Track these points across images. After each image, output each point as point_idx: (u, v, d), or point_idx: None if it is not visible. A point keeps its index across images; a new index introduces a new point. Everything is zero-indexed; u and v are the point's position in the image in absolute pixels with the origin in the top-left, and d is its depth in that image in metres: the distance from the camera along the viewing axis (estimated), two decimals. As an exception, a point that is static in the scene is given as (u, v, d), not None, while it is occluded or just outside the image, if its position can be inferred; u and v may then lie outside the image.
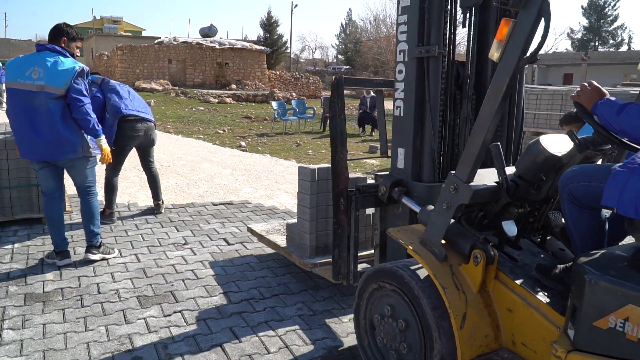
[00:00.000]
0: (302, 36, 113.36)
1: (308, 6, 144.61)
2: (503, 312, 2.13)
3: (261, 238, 4.10)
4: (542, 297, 2.01)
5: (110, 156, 3.96)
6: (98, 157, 3.94)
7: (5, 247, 4.21)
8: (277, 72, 32.29)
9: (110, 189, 5.01)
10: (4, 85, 14.22)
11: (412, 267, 2.29)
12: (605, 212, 2.13)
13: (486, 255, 2.10)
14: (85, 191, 3.91)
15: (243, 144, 11.40)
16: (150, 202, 5.64)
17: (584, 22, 56.85)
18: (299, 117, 15.06)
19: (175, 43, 26.76)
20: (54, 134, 3.59)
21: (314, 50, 66.29)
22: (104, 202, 5.04)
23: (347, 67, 46.82)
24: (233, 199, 6.20)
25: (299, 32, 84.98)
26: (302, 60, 57.29)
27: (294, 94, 25.91)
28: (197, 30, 32.56)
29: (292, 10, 52.65)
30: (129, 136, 4.93)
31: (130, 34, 40.64)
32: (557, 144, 2.20)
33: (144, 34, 51.19)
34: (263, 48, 30.51)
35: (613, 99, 1.88)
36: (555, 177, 2.20)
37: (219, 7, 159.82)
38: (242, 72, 28.37)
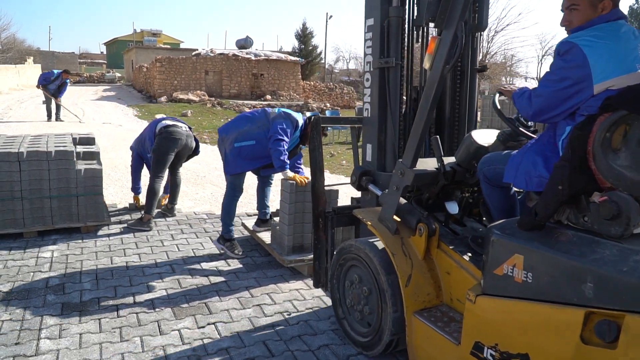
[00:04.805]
0: (336, 47, 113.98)
1: (343, 17, 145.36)
2: (443, 275, 2.58)
3: (252, 233, 4.82)
4: (472, 261, 2.44)
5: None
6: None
7: (45, 255, 4.30)
8: (312, 83, 32.42)
9: (152, 194, 5.15)
10: (61, 97, 14.89)
11: (371, 241, 2.82)
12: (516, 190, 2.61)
13: (428, 228, 2.56)
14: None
15: (277, 154, 11.41)
16: (187, 212, 5.73)
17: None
18: (333, 128, 15.04)
19: (212, 55, 27.19)
20: None
21: (348, 61, 66.18)
22: (145, 207, 5.21)
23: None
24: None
25: (334, 42, 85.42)
26: (336, 71, 57.45)
27: (328, 105, 25.96)
28: (233, 42, 33.00)
29: (327, 21, 53.07)
30: (171, 139, 5.14)
31: (168, 47, 41.45)
32: (485, 136, 2.71)
33: (182, 46, 52.26)
34: (298, 59, 30.69)
35: (529, 87, 2.22)
36: None
37: (255, 19, 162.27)
38: (277, 83, 28.60)
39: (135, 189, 5.76)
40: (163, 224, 5.33)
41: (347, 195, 4.58)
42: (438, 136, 2.74)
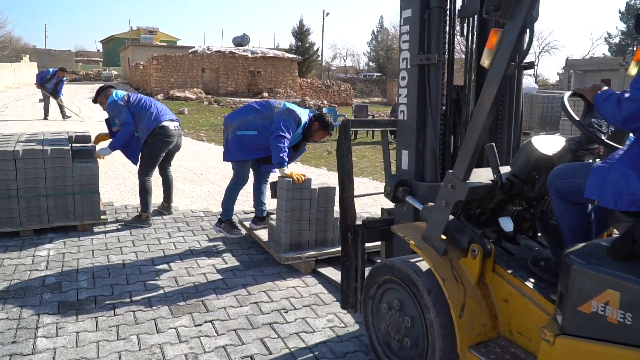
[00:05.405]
0: (333, 44, 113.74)
1: (339, 14, 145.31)
2: (500, 303, 2.25)
3: (249, 231, 4.83)
4: (536, 287, 2.13)
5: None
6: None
7: (41, 254, 4.28)
8: (309, 80, 32.41)
9: (145, 192, 5.14)
10: (61, 96, 14.93)
11: (414, 261, 2.44)
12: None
13: (483, 249, 2.24)
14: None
15: (274, 151, 11.40)
16: (184, 209, 5.72)
17: (622, 26, 55.12)
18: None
19: (208, 52, 27.15)
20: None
21: (345, 58, 66.06)
22: (140, 206, 5.20)
23: (379, 74, 46.73)
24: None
25: (331, 40, 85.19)
26: (333, 68, 57.35)
27: (325, 102, 25.93)
28: (230, 40, 32.94)
29: (323, 19, 52.93)
30: (165, 141, 5.12)
31: (165, 44, 41.42)
32: (548, 144, 2.36)
33: (178, 43, 52.21)
34: (294, 56, 30.67)
35: (612, 91, 1.94)
36: (546, 175, 2.29)
37: (252, 16, 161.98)
38: (273, 80, 28.57)
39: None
40: (160, 222, 5.31)
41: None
42: (493, 144, 2.35)
